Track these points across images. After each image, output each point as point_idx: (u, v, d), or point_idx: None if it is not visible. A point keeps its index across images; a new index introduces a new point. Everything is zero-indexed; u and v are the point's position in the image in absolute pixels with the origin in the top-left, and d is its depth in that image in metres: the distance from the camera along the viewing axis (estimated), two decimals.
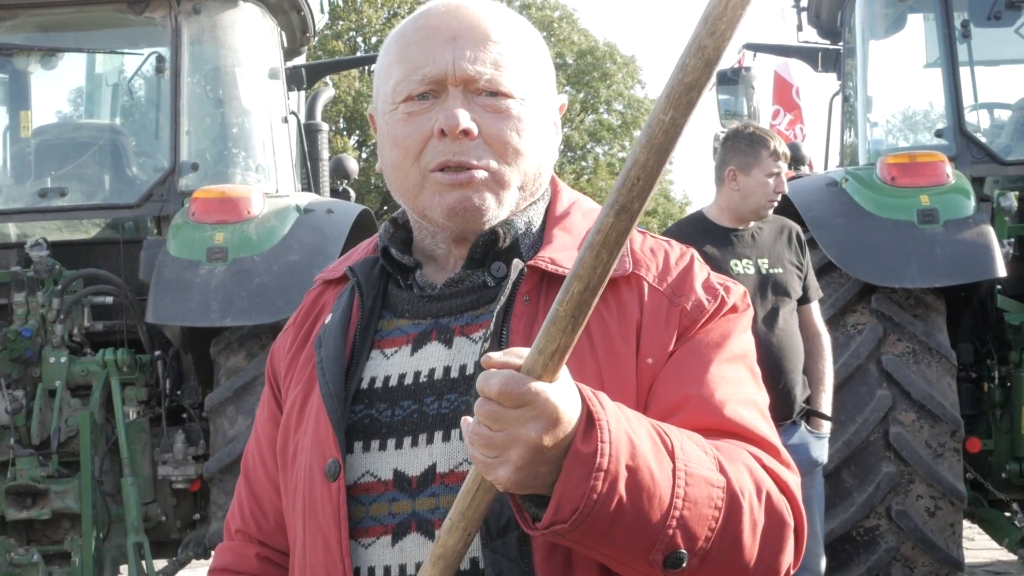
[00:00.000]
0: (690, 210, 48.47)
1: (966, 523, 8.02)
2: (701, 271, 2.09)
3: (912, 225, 7.41)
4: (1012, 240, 7.98)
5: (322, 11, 10.26)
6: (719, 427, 1.95)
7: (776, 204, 6.28)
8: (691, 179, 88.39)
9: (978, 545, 10.25)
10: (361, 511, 2.03)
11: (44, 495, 7.52)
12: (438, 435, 2.00)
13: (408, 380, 2.06)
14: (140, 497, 7.55)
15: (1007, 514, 8.06)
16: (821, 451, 6.34)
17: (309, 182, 9.71)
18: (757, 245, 6.20)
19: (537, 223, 2.14)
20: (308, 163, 9.76)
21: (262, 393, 2.37)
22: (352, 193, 10.37)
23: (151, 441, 7.79)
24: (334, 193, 10.01)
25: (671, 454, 1.79)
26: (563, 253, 2.05)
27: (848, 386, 7.25)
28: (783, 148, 6.30)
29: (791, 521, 1.93)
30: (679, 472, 1.78)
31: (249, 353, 7.50)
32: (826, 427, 6.37)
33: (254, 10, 8.71)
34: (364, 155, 36.49)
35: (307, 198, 8.22)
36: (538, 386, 1.67)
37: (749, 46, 11.42)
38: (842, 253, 7.40)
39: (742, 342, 2.07)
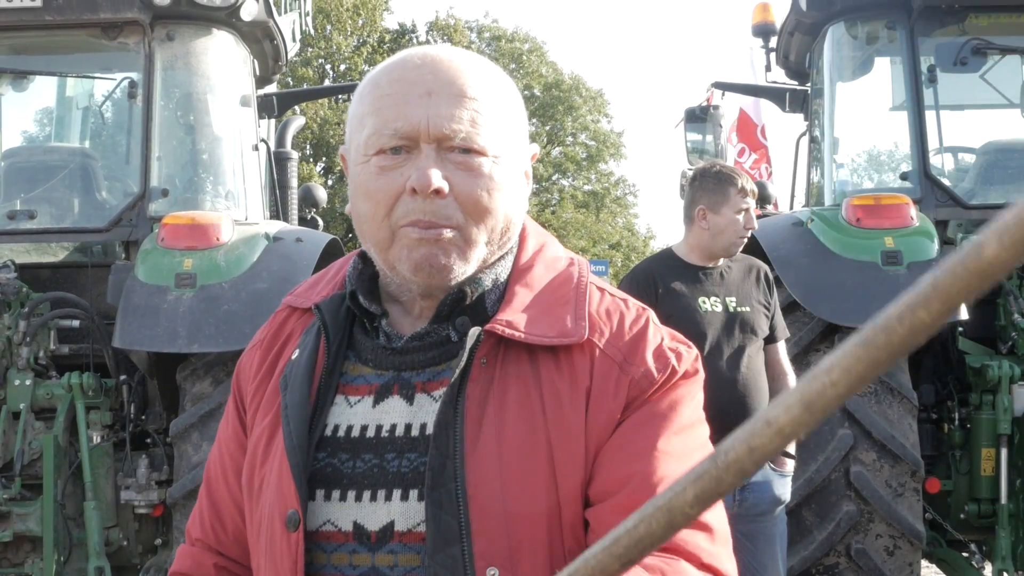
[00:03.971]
0: (654, 244, 48.64)
1: (924, 563, 8.08)
2: (655, 336, 2.09)
3: (876, 266, 7.48)
4: None
5: (294, 40, 10.32)
6: None
7: (746, 240, 6.33)
8: (655, 213, 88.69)
9: None
10: (323, 558, 2.04)
11: (6, 517, 7.49)
12: (397, 493, 2.01)
13: (370, 432, 2.07)
14: (102, 521, 7.54)
15: (965, 554, 8.11)
16: (784, 489, 6.38)
17: (278, 210, 9.73)
18: (725, 283, 6.25)
19: (503, 278, 2.14)
20: (277, 191, 9.79)
21: (226, 404, 2.37)
22: (320, 221, 10.39)
23: (115, 466, 7.77)
24: (302, 221, 10.04)
25: None
26: (520, 315, 2.05)
27: None
28: (751, 185, 6.34)
29: None
30: None
31: (215, 380, 7.50)
32: (790, 465, 6.41)
33: (227, 38, 8.74)
34: (330, 182, 36.49)
35: (276, 226, 8.24)
36: None
37: (717, 85, 11.51)
38: (806, 292, 7.45)
39: (691, 410, 2.07)
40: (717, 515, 2.02)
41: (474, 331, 2.02)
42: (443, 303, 2.09)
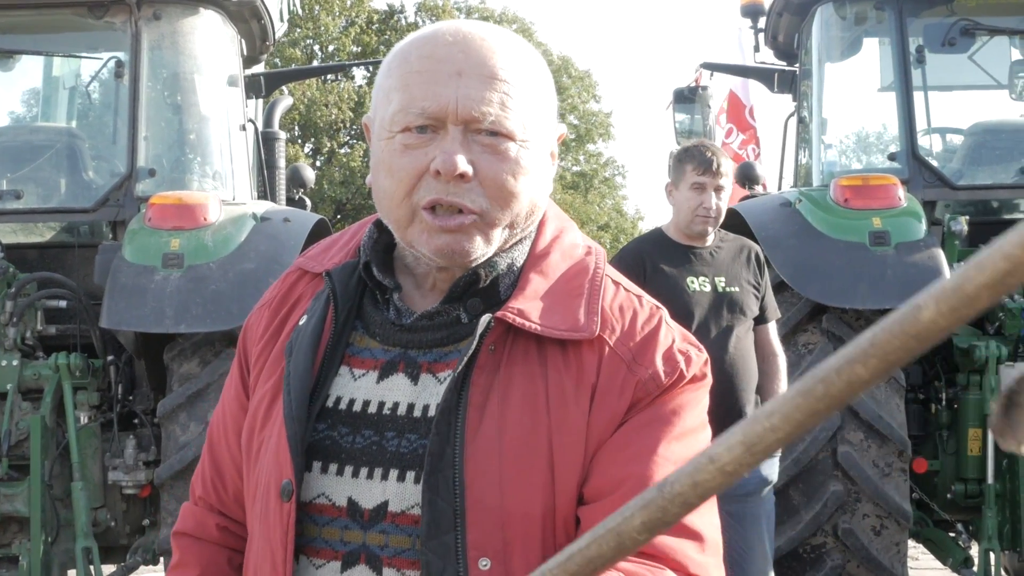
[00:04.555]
0: (643, 225, 48.67)
1: (911, 542, 8.10)
2: (666, 337, 2.06)
3: (864, 247, 7.48)
4: (962, 264, 8.07)
5: (282, 20, 10.28)
6: None
7: (710, 219, 6.25)
8: (644, 194, 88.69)
9: (922, 564, 10.33)
10: (315, 530, 2.03)
11: None
12: (393, 473, 2.00)
13: (372, 408, 2.05)
14: (90, 502, 7.52)
15: (952, 534, 8.13)
16: (771, 470, 6.39)
17: (266, 190, 9.71)
18: (714, 263, 6.24)
19: (519, 262, 2.11)
20: (265, 171, 9.77)
21: (231, 364, 2.35)
22: (308, 202, 10.36)
23: (102, 446, 7.75)
24: (290, 202, 10.01)
25: None
26: (532, 304, 2.02)
27: None
28: (719, 163, 6.24)
29: None
30: None
31: (203, 360, 7.50)
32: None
33: (215, 17, 8.72)
34: (318, 162, 36.44)
35: (264, 206, 8.23)
36: None
37: (706, 65, 11.51)
38: (794, 273, 7.46)
39: (694, 415, 2.05)
40: (709, 523, 2.01)
41: (485, 318, 2.00)
42: (456, 283, 2.07)
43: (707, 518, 2.00)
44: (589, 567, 1.52)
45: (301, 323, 2.15)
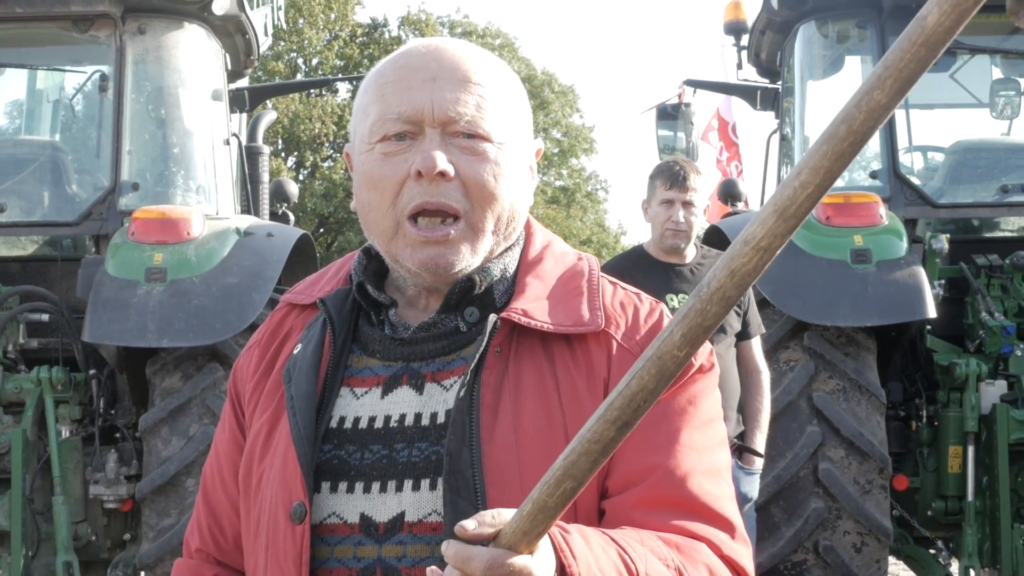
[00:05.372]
0: (625, 240, 48.63)
1: (892, 559, 8.12)
2: None
3: (845, 264, 7.50)
4: (943, 282, 8.10)
5: (266, 34, 10.29)
6: (681, 503, 1.97)
7: (680, 233, 6.26)
8: (626, 209, 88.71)
9: None
10: (326, 552, 2.02)
11: None
12: (408, 483, 1.99)
13: (378, 423, 2.05)
14: (71, 516, 7.52)
15: (932, 551, 8.15)
16: (751, 487, 6.40)
17: (249, 204, 9.71)
18: (695, 280, 6.25)
19: (512, 269, 2.13)
20: (248, 186, 9.77)
21: (222, 409, 2.34)
22: (292, 216, 10.37)
23: (83, 460, 7.75)
24: (273, 216, 10.02)
25: None
26: (534, 304, 2.05)
27: (779, 421, 7.32)
28: (686, 179, 6.27)
29: None
30: None
31: (185, 374, 7.49)
32: (758, 463, 6.43)
33: (199, 32, 8.72)
34: (301, 177, 36.42)
35: (247, 221, 8.23)
36: (521, 564, 1.66)
37: (689, 82, 11.53)
38: (776, 290, 7.47)
39: (710, 405, 2.08)
40: (740, 519, 2.03)
41: (492, 318, 2.02)
42: (451, 292, 2.08)
43: (739, 516, 2.03)
44: (631, 406, 1.51)
45: (296, 352, 2.15)
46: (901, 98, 1.03)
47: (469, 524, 1.67)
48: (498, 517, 1.68)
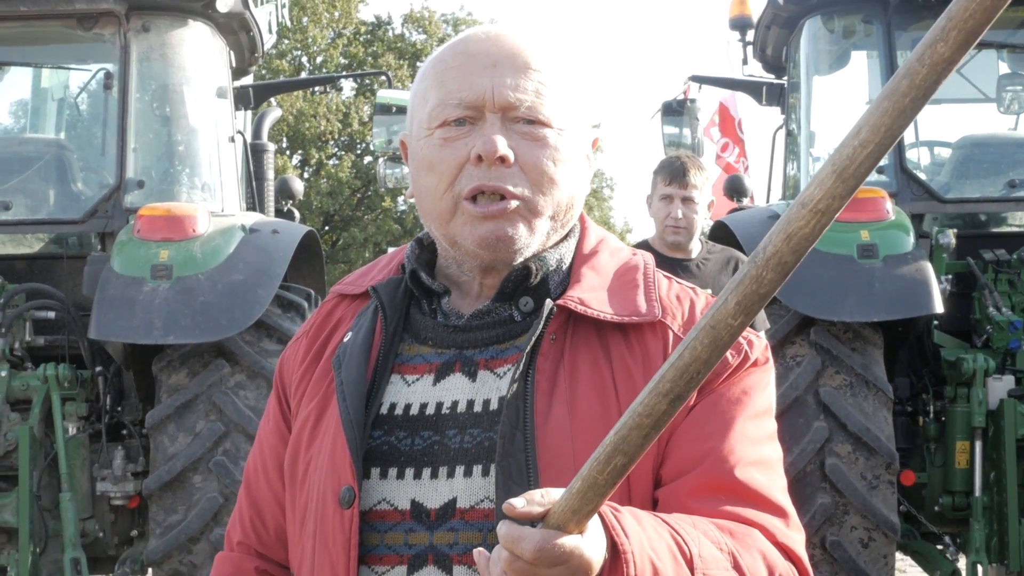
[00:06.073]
0: (631, 237, 48.66)
1: (899, 555, 8.11)
2: None
3: (852, 259, 7.49)
4: (950, 277, 8.09)
5: (270, 31, 10.29)
6: (733, 489, 1.96)
7: (680, 230, 6.26)
8: (632, 207, 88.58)
9: None
10: (376, 538, 2.01)
11: None
12: (459, 469, 1.99)
13: (430, 410, 2.04)
14: (78, 513, 7.51)
15: (939, 547, 8.14)
16: None
17: (254, 201, 9.71)
18: (701, 275, 6.25)
19: (567, 260, 2.13)
20: (254, 183, 9.77)
21: (267, 402, 2.34)
22: (297, 213, 10.37)
23: (90, 457, 7.75)
24: (279, 213, 10.01)
25: (690, 564, 1.80)
26: (591, 294, 2.05)
27: (786, 417, 7.31)
28: (686, 174, 6.26)
29: None
30: None
31: (191, 371, 7.48)
32: None
33: (203, 29, 8.72)
34: (307, 174, 36.41)
35: (252, 218, 8.22)
36: (572, 544, 1.65)
37: (695, 78, 11.50)
38: (782, 285, 7.44)
39: (764, 398, 2.07)
40: (793, 508, 2.04)
41: (548, 303, 2.01)
42: (507, 280, 2.08)
43: (791, 505, 2.03)
44: (684, 378, 1.49)
45: (346, 339, 2.14)
46: (965, 51, 1.01)
47: (518, 502, 1.66)
48: (547, 496, 1.67)
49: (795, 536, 2.00)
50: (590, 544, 1.67)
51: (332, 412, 2.08)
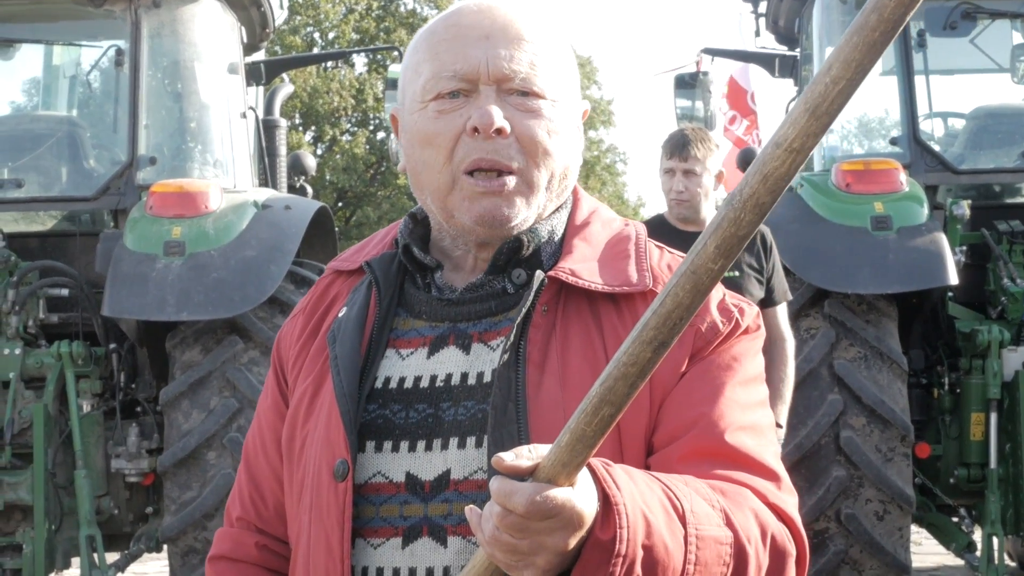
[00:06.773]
0: (644, 212, 48.64)
1: (914, 527, 8.10)
2: (717, 291, 2.08)
3: (866, 231, 7.48)
4: (964, 248, 8.06)
5: (281, 7, 10.26)
6: (724, 453, 1.97)
7: (682, 203, 6.23)
8: (645, 181, 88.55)
9: (925, 549, 10.34)
10: (371, 511, 2.02)
11: None
12: (453, 441, 2.00)
13: (424, 383, 2.05)
14: (93, 490, 7.53)
15: (954, 519, 8.14)
16: None
17: (267, 178, 9.70)
18: None
19: (559, 232, 2.13)
20: (266, 159, 9.76)
21: (266, 378, 2.35)
22: (309, 189, 10.36)
23: (105, 434, 7.77)
24: (291, 189, 10.01)
25: (682, 519, 1.80)
26: (582, 264, 2.05)
27: (800, 390, 7.28)
28: (687, 147, 6.24)
29: (793, 550, 1.98)
30: (690, 538, 1.79)
31: (204, 348, 7.49)
32: (779, 434, 6.38)
33: (214, 5, 8.70)
34: (319, 150, 36.40)
35: (265, 194, 8.23)
36: (563, 497, 1.66)
37: (707, 50, 11.47)
38: (796, 258, 7.43)
39: (754, 365, 2.08)
40: (785, 472, 2.04)
41: (539, 275, 2.02)
42: (499, 252, 2.08)
43: (783, 469, 2.04)
44: (667, 325, 1.49)
45: (341, 315, 2.15)
46: None
47: (507, 456, 1.67)
48: (536, 450, 1.68)
49: (787, 498, 2.01)
50: (581, 496, 1.68)
51: (328, 387, 2.09)
